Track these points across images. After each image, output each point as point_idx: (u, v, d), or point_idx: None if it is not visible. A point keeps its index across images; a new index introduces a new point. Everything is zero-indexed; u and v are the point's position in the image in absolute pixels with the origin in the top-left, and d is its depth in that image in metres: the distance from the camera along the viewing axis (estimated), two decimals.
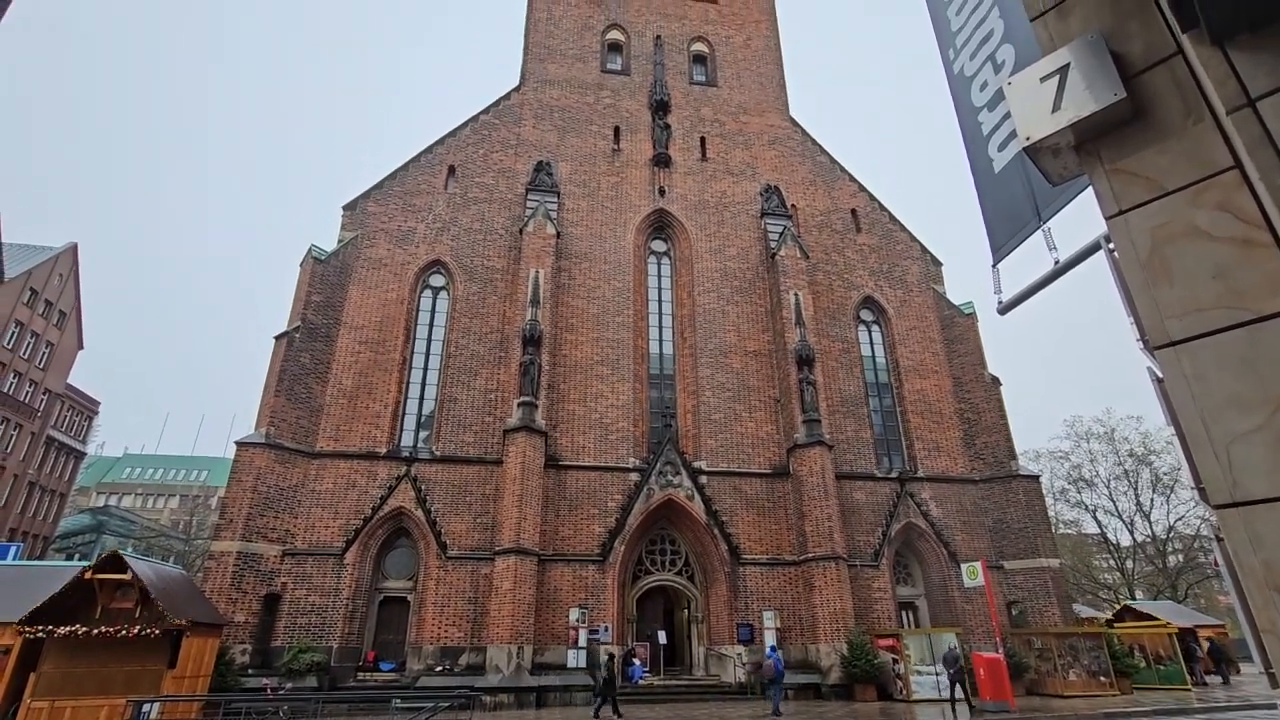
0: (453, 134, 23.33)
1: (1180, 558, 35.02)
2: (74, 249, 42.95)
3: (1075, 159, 2.58)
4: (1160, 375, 2.40)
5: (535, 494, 17.80)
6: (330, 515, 17.87)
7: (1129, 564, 36.12)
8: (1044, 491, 23.06)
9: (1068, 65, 2.47)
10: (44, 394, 41.78)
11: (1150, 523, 34.11)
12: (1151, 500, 33.96)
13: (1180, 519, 33.28)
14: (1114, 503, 34.97)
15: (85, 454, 49.44)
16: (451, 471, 18.83)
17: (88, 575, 12.52)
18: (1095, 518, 35.95)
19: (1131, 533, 34.95)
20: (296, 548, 17.31)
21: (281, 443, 17.80)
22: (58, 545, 43.76)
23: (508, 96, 24.26)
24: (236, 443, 17.63)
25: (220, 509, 18.28)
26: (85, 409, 48.39)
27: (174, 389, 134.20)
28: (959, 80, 5.92)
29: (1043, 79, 2.54)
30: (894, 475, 21.27)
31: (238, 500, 16.98)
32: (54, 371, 42.37)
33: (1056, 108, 2.47)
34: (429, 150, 22.97)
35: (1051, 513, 29.33)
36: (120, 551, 13.31)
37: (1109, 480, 35.07)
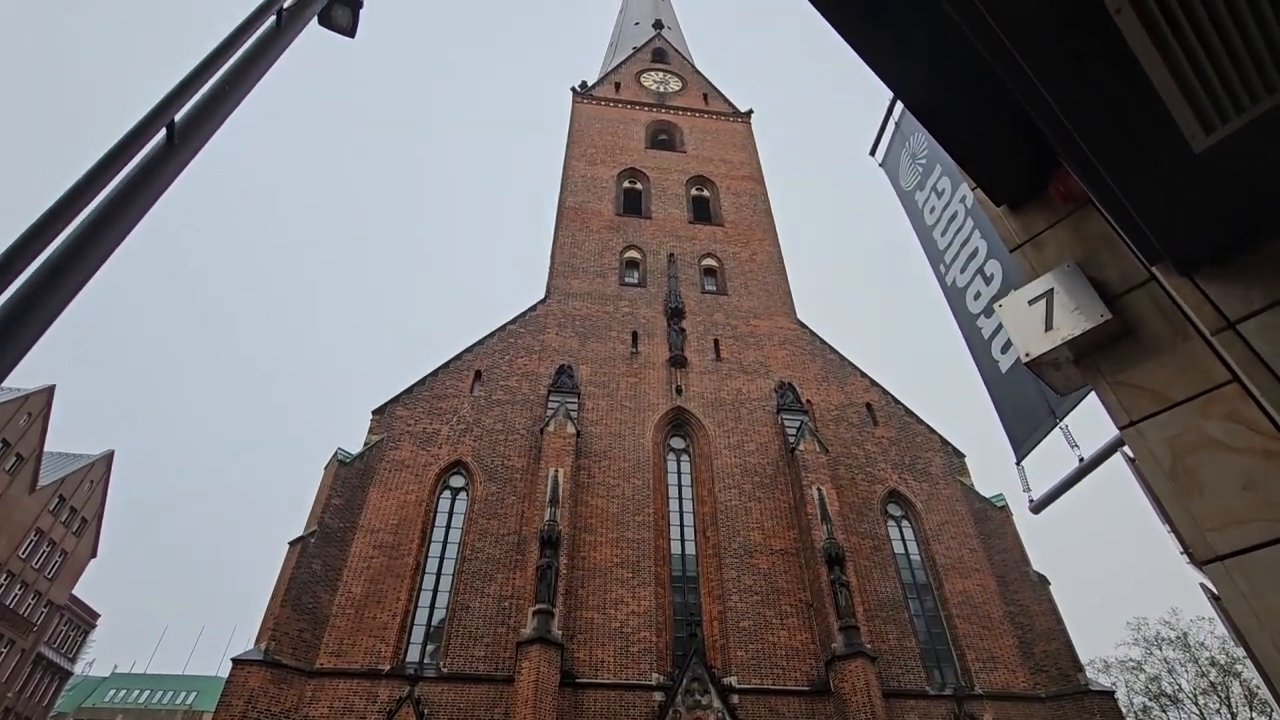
0: (481, 342, 24.91)
1: None
2: (109, 457, 43.88)
3: (1077, 372, 2.66)
4: (1215, 592, 2.25)
5: None
6: None
7: None
8: (1123, 709, 20.22)
9: (1052, 290, 2.65)
10: (45, 606, 40.17)
11: None
12: None
13: None
14: None
15: (72, 673, 46.21)
16: (458, 692, 17.17)
17: None
18: None
19: None
20: None
21: (280, 659, 16.56)
22: None
23: (533, 308, 26.25)
24: (233, 660, 16.42)
25: None
26: (83, 622, 46.15)
27: (177, 597, 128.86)
28: (953, 291, 6.27)
29: (1030, 302, 2.71)
30: (948, 693, 18.95)
31: None
32: (61, 581, 41.10)
33: (1049, 327, 2.60)
34: (458, 357, 24.40)
35: None
36: None
37: (1195, 695, 30.79)
